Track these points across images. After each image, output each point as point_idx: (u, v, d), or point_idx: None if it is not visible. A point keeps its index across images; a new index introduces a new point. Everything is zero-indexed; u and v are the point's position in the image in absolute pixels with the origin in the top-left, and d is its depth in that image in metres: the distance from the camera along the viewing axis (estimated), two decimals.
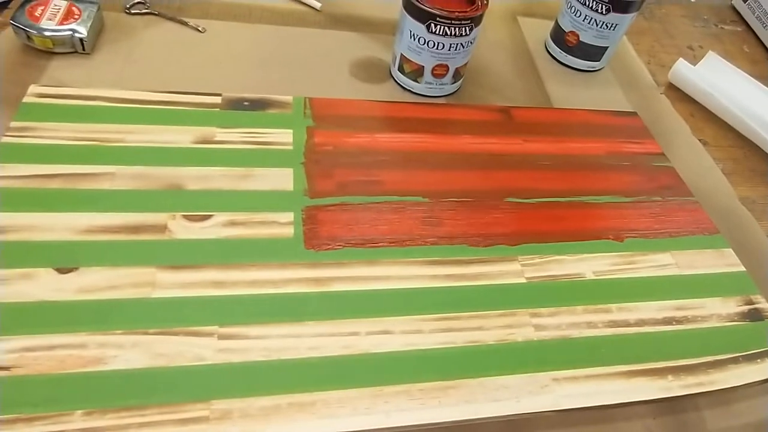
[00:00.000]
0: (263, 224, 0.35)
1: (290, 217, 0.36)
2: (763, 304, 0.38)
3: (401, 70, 0.49)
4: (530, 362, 0.32)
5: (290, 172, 0.39)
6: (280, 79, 0.47)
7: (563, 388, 0.31)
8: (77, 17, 0.44)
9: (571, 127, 0.49)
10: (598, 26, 0.53)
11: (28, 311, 0.29)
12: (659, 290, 0.37)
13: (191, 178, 0.37)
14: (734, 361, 0.34)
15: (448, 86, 0.49)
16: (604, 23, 0.52)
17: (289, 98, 0.44)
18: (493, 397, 0.30)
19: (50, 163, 0.35)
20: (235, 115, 0.41)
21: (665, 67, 0.62)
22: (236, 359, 0.29)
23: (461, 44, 0.46)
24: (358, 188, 0.39)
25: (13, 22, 0.42)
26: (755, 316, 0.37)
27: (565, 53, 0.57)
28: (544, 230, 0.39)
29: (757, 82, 0.59)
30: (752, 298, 0.38)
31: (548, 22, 0.60)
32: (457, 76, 0.49)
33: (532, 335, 0.33)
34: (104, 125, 0.38)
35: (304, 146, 0.41)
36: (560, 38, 0.56)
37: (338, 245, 0.35)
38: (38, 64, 0.43)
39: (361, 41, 0.53)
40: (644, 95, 0.57)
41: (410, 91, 0.49)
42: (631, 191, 0.44)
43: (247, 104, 0.43)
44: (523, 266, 0.36)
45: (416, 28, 0.45)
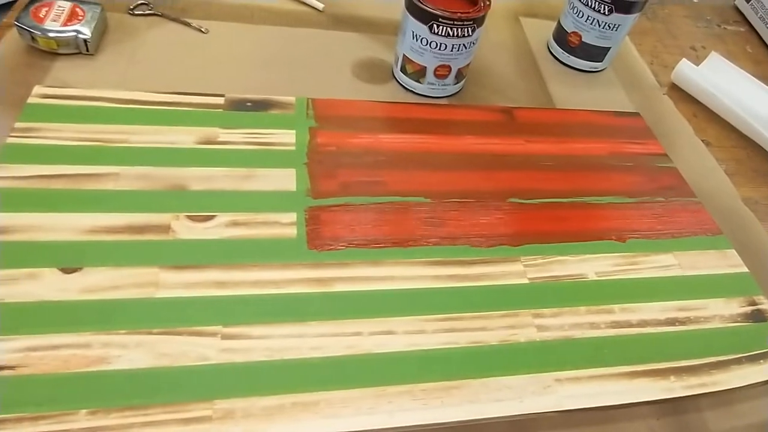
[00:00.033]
0: (266, 224, 0.35)
1: (293, 217, 0.36)
2: (765, 305, 0.38)
3: (403, 70, 0.49)
4: (533, 363, 0.32)
5: (293, 172, 0.39)
6: (282, 79, 0.47)
7: (566, 388, 0.31)
8: (81, 18, 0.44)
9: (573, 127, 0.49)
10: (600, 27, 0.53)
11: (32, 311, 0.29)
12: (662, 291, 0.37)
13: (194, 178, 0.37)
14: (737, 362, 0.34)
15: (450, 87, 0.49)
16: (606, 24, 0.52)
17: (291, 99, 0.44)
18: (495, 397, 0.30)
19: (54, 163, 0.35)
20: (237, 115, 0.42)
21: (668, 67, 0.62)
22: (239, 359, 0.29)
23: (463, 45, 0.46)
24: (360, 189, 0.39)
25: (17, 23, 0.42)
26: (758, 317, 0.37)
27: (567, 54, 0.57)
28: (546, 231, 0.39)
29: (760, 82, 0.59)
30: (755, 299, 0.38)
31: (550, 22, 0.60)
32: (459, 76, 0.49)
33: (534, 336, 0.33)
34: (108, 126, 0.38)
35: (306, 147, 0.41)
36: (563, 39, 0.56)
37: (341, 246, 0.35)
38: (42, 65, 0.43)
39: (363, 42, 0.54)
40: (647, 96, 0.56)
41: (412, 91, 0.49)
42: (633, 192, 0.44)
43: (249, 105, 0.43)
44: (525, 267, 0.36)
45: (418, 28, 0.45)
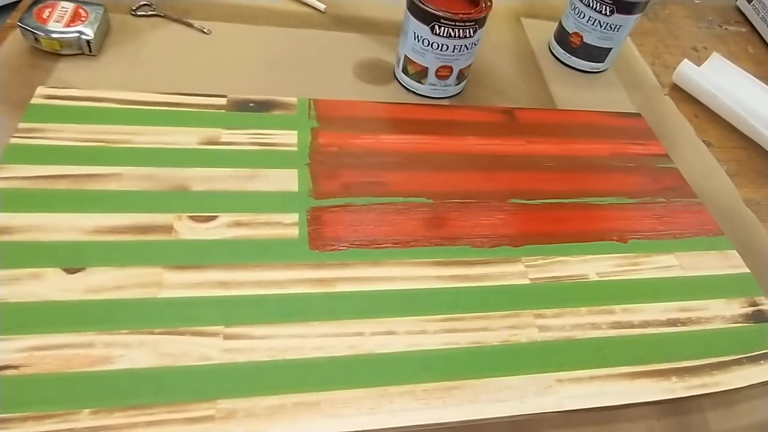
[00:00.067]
0: (268, 225, 0.35)
1: (295, 217, 0.36)
2: (766, 305, 0.38)
3: (405, 71, 0.49)
4: (534, 363, 0.32)
5: (295, 173, 0.39)
6: (284, 80, 0.48)
7: (567, 388, 0.31)
8: (84, 19, 0.44)
9: (574, 128, 0.49)
10: (602, 27, 0.53)
11: (36, 311, 0.29)
12: (663, 292, 0.37)
13: (197, 179, 0.37)
14: (738, 362, 0.34)
15: (451, 88, 0.50)
16: (607, 24, 0.53)
17: (293, 99, 0.44)
18: (497, 397, 0.30)
19: (58, 164, 0.36)
20: (240, 116, 0.42)
21: (669, 68, 0.62)
22: (242, 359, 0.29)
23: (465, 46, 0.46)
24: (362, 189, 0.39)
25: (20, 24, 0.43)
26: (759, 317, 0.37)
27: (568, 54, 0.57)
28: (547, 231, 0.39)
29: (761, 83, 0.59)
30: (756, 299, 0.38)
31: (552, 23, 0.60)
32: (460, 77, 0.49)
33: (536, 336, 0.33)
34: (111, 126, 0.39)
35: (308, 147, 0.41)
36: (564, 39, 0.56)
37: (343, 246, 0.35)
38: (45, 65, 0.43)
39: (365, 43, 0.54)
40: (648, 96, 0.57)
41: (414, 92, 0.50)
42: (635, 192, 0.44)
43: (252, 106, 0.43)
44: (526, 267, 0.37)
45: (420, 29, 0.45)
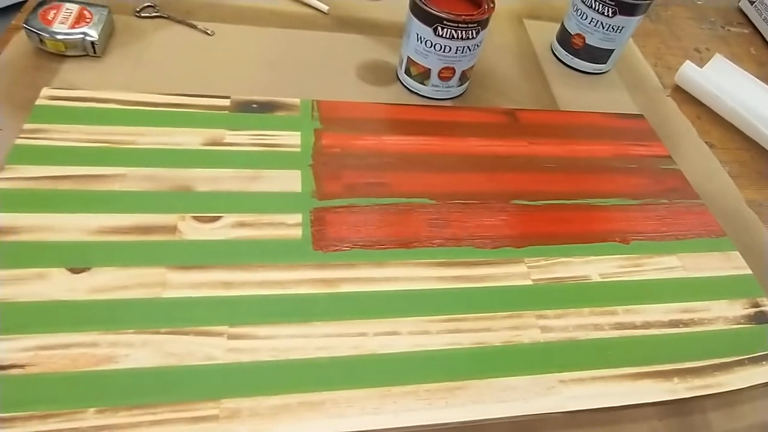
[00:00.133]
0: (272, 225, 0.35)
1: (298, 218, 0.36)
2: None
3: (408, 72, 0.49)
4: (537, 364, 0.32)
5: (298, 174, 0.39)
6: (287, 81, 0.48)
7: (570, 389, 0.31)
8: (88, 21, 0.44)
9: (577, 129, 0.49)
10: (604, 29, 0.53)
11: (41, 310, 0.29)
12: (665, 293, 0.37)
13: (201, 179, 0.37)
14: (740, 363, 0.34)
15: (454, 89, 0.50)
16: (610, 26, 0.53)
17: (296, 101, 0.44)
18: (499, 398, 0.30)
19: (62, 164, 0.36)
20: (243, 117, 0.42)
21: (672, 69, 0.62)
22: (246, 359, 0.29)
23: (468, 47, 0.46)
24: (365, 190, 0.39)
25: (26, 25, 0.43)
26: (761, 318, 0.37)
27: (571, 56, 0.57)
28: (550, 232, 0.39)
29: (763, 84, 0.59)
30: (758, 300, 0.38)
31: (554, 24, 0.61)
32: (463, 78, 0.49)
33: (538, 337, 0.33)
34: (115, 127, 0.39)
35: (311, 148, 0.41)
36: (566, 41, 0.57)
37: (346, 247, 0.35)
38: (50, 67, 0.44)
39: (368, 44, 0.54)
40: (650, 97, 0.57)
41: (417, 93, 0.50)
42: (637, 194, 0.44)
43: (255, 107, 0.43)
44: (529, 268, 0.37)
45: (423, 31, 0.45)
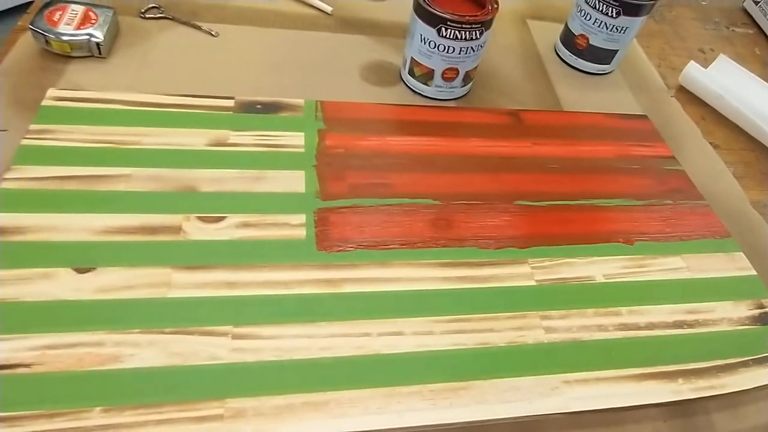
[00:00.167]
0: (276, 226, 0.36)
1: (302, 218, 0.36)
2: None
3: (411, 73, 0.49)
4: (541, 364, 0.32)
5: (302, 174, 0.39)
6: (291, 82, 0.48)
7: (574, 390, 0.31)
8: (94, 22, 0.45)
9: (580, 130, 0.49)
10: (608, 29, 0.53)
11: (48, 310, 0.29)
12: (670, 294, 0.37)
13: (205, 180, 0.37)
14: (744, 364, 0.34)
15: (458, 89, 0.50)
16: (614, 26, 0.53)
17: (300, 101, 0.45)
18: (503, 398, 0.30)
19: (68, 165, 0.36)
20: (247, 118, 0.42)
21: (676, 69, 0.62)
22: (250, 359, 0.29)
23: (471, 48, 0.46)
24: (369, 191, 0.39)
25: (31, 26, 0.43)
26: (766, 319, 0.37)
27: (574, 56, 0.57)
28: (554, 233, 0.39)
29: None
30: (763, 301, 0.38)
31: (558, 25, 0.61)
32: (467, 79, 0.49)
33: (542, 337, 0.33)
34: (120, 128, 0.39)
35: (315, 149, 0.41)
36: (570, 41, 0.57)
37: (350, 247, 0.35)
38: (56, 67, 0.44)
39: (371, 45, 0.54)
40: (654, 98, 0.56)
41: (420, 94, 0.50)
42: (641, 194, 0.44)
43: (259, 107, 0.43)
44: (533, 269, 0.37)
45: (427, 31, 0.45)
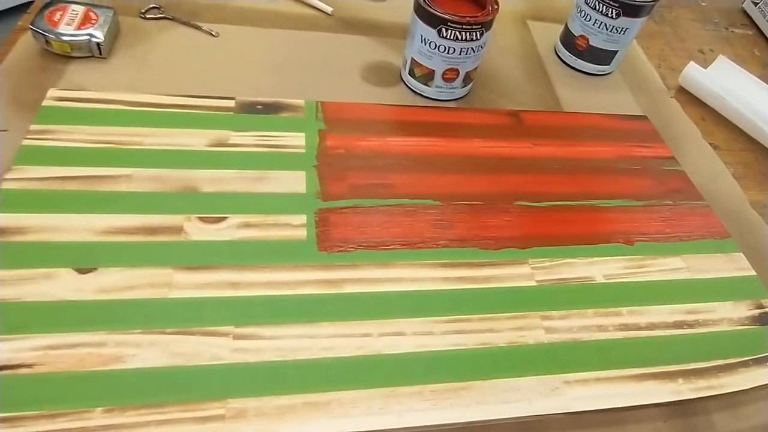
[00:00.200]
0: (277, 226, 0.36)
1: (303, 219, 0.36)
2: None
3: (412, 74, 0.49)
4: (541, 364, 0.32)
5: (303, 174, 0.39)
6: (292, 82, 0.48)
7: (574, 390, 0.31)
8: (94, 22, 0.45)
9: (580, 130, 0.49)
10: (608, 30, 0.53)
11: (49, 310, 0.29)
12: (670, 294, 0.37)
13: (206, 180, 0.37)
14: (744, 364, 0.34)
15: (458, 90, 0.50)
16: (614, 27, 0.53)
17: (301, 102, 0.45)
18: (504, 398, 0.30)
19: (69, 165, 0.36)
20: (248, 118, 0.42)
21: (675, 70, 0.62)
22: (252, 359, 0.29)
23: (472, 48, 0.46)
24: (369, 191, 0.39)
25: (32, 26, 0.43)
26: (765, 320, 0.37)
27: (575, 57, 0.57)
28: (554, 233, 0.39)
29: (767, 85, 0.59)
30: (762, 302, 0.38)
31: (558, 26, 0.61)
32: (467, 80, 0.49)
33: (542, 338, 0.33)
34: (121, 128, 0.39)
35: (316, 149, 0.41)
36: (570, 42, 0.57)
37: (350, 247, 0.35)
38: (56, 68, 0.44)
39: (371, 45, 0.54)
40: (654, 99, 0.57)
41: (421, 94, 0.50)
42: (641, 195, 0.44)
43: (260, 108, 0.43)
44: (533, 269, 0.37)
45: (427, 32, 0.45)
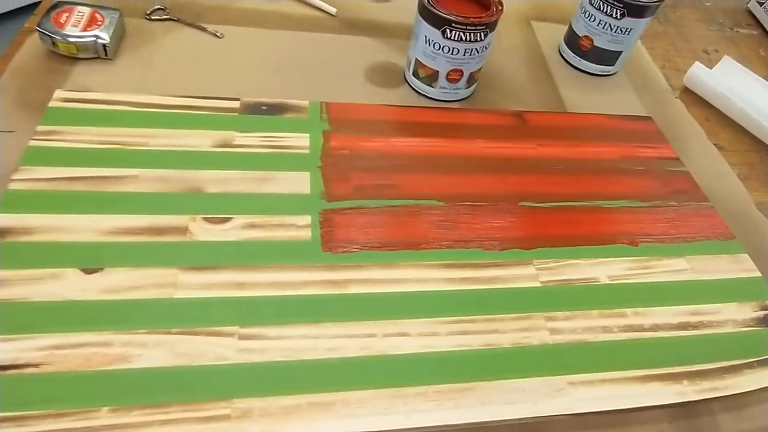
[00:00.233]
0: (281, 227, 0.36)
1: (308, 219, 0.36)
2: None
3: (416, 74, 0.49)
4: (546, 365, 0.32)
5: (307, 175, 0.39)
6: (296, 83, 0.48)
7: (579, 391, 0.31)
8: (100, 24, 0.45)
9: (585, 131, 0.49)
10: (612, 31, 0.53)
11: (55, 310, 0.29)
12: (674, 295, 0.37)
13: (211, 181, 0.37)
14: (749, 366, 0.34)
15: (462, 91, 0.50)
16: (618, 28, 0.53)
17: (305, 102, 0.45)
18: (508, 399, 0.30)
19: (75, 166, 0.36)
20: (253, 119, 0.42)
21: (680, 71, 0.62)
22: (257, 359, 0.29)
23: (476, 49, 0.46)
24: (374, 192, 0.39)
25: (38, 28, 0.43)
26: None
27: (579, 57, 0.57)
28: (558, 234, 0.39)
29: None
30: (767, 303, 0.38)
31: (562, 26, 0.61)
32: (471, 80, 0.49)
33: (547, 339, 0.33)
34: (127, 129, 0.39)
35: (320, 150, 0.41)
36: (574, 43, 0.57)
37: (355, 248, 0.35)
38: (62, 69, 0.44)
39: (375, 46, 0.54)
40: (659, 99, 0.56)
41: (425, 95, 0.50)
42: (645, 196, 0.44)
43: (264, 108, 0.43)
44: (538, 270, 0.37)
45: (431, 33, 0.45)
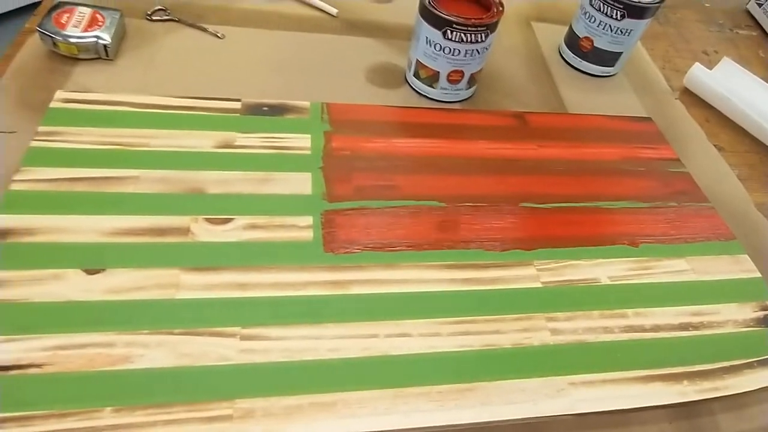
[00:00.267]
0: (283, 227, 0.36)
1: (309, 220, 0.37)
2: None
3: (417, 75, 0.49)
4: (547, 366, 0.32)
5: (309, 176, 0.39)
6: (297, 84, 0.48)
7: (579, 392, 0.31)
8: (101, 24, 0.45)
9: (585, 132, 0.49)
10: (612, 32, 0.53)
11: (58, 311, 0.29)
12: (675, 296, 0.37)
13: (212, 182, 0.37)
14: (749, 366, 0.34)
15: (463, 92, 0.50)
16: (618, 29, 0.53)
17: (306, 103, 0.45)
18: (509, 399, 0.30)
19: (77, 166, 0.36)
20: (254, 120, 0.42)
21: (680, 72, 0.62)
22: (259, 360, 0.29)
23: (477, 50, 0.46)
24: (375, 192, 0.39)
25: (39, 29, 0.43)
26: None
27: (579, 58, 0.57)
28: (559, 235, 0.39)
29: None
30: (767, 304, 0.38)
31: (562, 27, 0.61)
32: (472, 81, 0.50)
33: (548, 339, 0.33)
34: (128, 130, 0.39)
35: (322, 151, 0.41)
36: (574, 44, 0.57)
37: (356, 249, 0.36)
38: (63, 69, 0.44)
39: (376, 47, 0.54)
40: (659, 100, 0.57)
41: (425, 96, 0.50)
42: (646, 197, 0.44)
43: (266, 109, 0.43)
44: (538, 271, 0.37)
45: (432, 34, 0.45)
